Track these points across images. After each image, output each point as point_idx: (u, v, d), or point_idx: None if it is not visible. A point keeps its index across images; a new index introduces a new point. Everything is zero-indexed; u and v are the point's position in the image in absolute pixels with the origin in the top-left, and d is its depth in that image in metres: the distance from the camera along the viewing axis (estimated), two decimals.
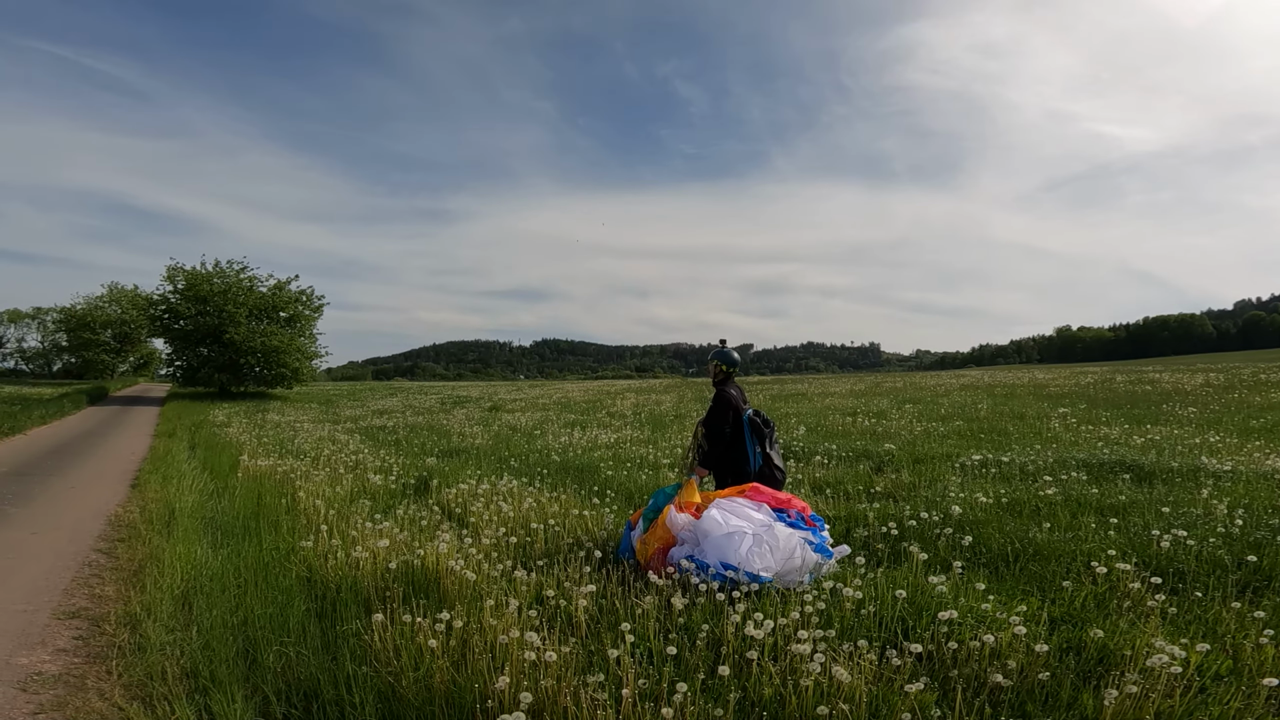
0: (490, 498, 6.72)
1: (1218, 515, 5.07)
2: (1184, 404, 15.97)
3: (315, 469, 9.06)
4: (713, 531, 4.02)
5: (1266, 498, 5.66)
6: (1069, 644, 3.01)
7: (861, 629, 3.20)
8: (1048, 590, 3.85)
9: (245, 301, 32.77)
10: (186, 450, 13.08)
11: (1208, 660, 2.71)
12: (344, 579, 4.17)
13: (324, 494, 7.09)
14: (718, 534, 3.98)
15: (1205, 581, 3.78)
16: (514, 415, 20.39)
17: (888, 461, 8.97)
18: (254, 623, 3.58)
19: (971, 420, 14.45)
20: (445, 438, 14.31)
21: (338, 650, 3.18)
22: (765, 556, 3.79)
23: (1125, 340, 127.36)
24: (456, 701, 2.60)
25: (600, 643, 3.13)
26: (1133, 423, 13.02)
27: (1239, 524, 4.72)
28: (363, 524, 5.39)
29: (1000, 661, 2.73)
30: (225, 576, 4.39)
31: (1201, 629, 3.14)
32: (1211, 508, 5.34)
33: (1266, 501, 5.51)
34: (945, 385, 26.18)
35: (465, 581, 3.85)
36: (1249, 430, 11.11)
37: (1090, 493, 6.34)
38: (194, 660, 3.25)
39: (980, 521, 5.33)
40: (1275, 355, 53.49)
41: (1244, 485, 6.30)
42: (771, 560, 3.78)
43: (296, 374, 34.46)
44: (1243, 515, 4.95)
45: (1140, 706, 2.32)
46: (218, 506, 7.03)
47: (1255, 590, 3.71)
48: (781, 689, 2.57)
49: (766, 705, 2.49)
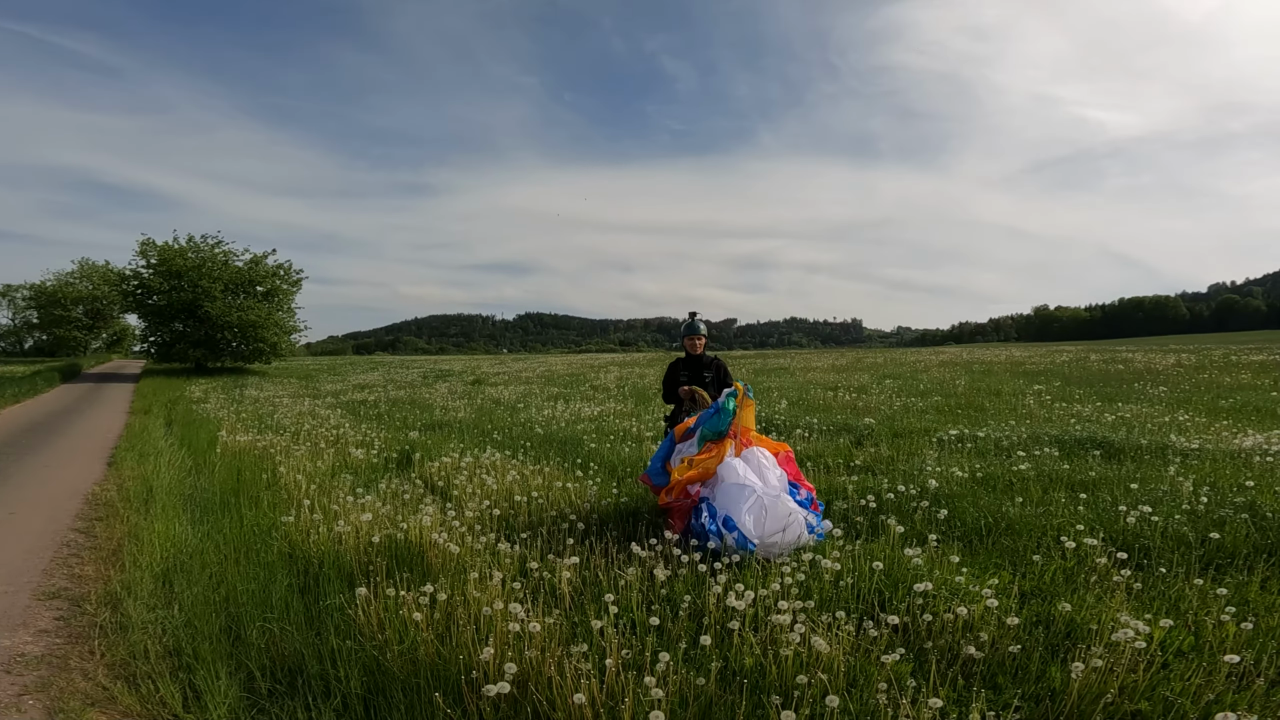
0: (473, 471, 6.73)
1: (1183, 492, 5.21)
2: (1155, 383, 16.35)
3: (296, 444, 8.98)
4: (727, 478, 4.20)
5: (1231, 476, 5.82)
6: (1038, 617, 3.10)
7: (840, 600, 3.28)
8: (1019, 564, 3.96)
9: (221, 276, 32.11)
10: (163, 427, 12.90)
11: (1170, 636, 2.79)
12: (326, 554, 4.17)
13: (305, 469, 7.05)
14: (731, 481, 4.16)
15: (1169, 558, 3.89)
16: (497, 389, 20.32)
17: (867, 435, 9.10)
18: (236, 599, 3.58)
19: (949, 396, 14.69)
20: (427, 411, 14.25)
21: (321, 625, 3.19)
22: (762, 522, 3.90)
23: (1101, 320, 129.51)
24: (441, 673, 2.63)
25: (583, 614, 3.17)
26: (1105, 400, 13.32)
27: (1204, 501, 4.86)
28: (345, 498, 5.37)
29: (973, 634, 2.81)
30: (206, 553, 4.37)
31: (1165, 605, 3.22)
32: (1177, 485, 5.50)
33: (1231, 480, 5.67)
34: (925, 361, 26.52)
35: (449, 554, 3.87)
36: (1217, 410, 11.41)
37: (1062, 468, 6.50)
38: (176, 638, 3.24)
39: (955, 495, 5.44)
40: (1246, 338, 54.78)
41: (1210, 463, 6.48)
42: (764, 528, 3.90)
43: (275, 349, 34.00)
44: (1208, 493, 5.09)
45: (1105, 680, 2.40)
46: (196, 483, 6.97)
47: (1218, 567, 3.80)
48: (762, 659, 2.63)
49: (748, 674, 2.55)
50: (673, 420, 5.47)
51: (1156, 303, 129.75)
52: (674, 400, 5.56)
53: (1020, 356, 28.18)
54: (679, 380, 5.48)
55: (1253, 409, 11.33)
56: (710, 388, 5.43)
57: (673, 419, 5.47)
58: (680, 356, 5.69)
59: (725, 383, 5.45)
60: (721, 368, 5.64)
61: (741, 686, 2.40)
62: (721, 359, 5.76)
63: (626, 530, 4.57)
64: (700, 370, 5.53)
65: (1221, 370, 18.75)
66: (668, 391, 5.62)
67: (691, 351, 5.53)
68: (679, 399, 5.46)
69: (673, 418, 5.50)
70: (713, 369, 5.58)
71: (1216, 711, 2.08)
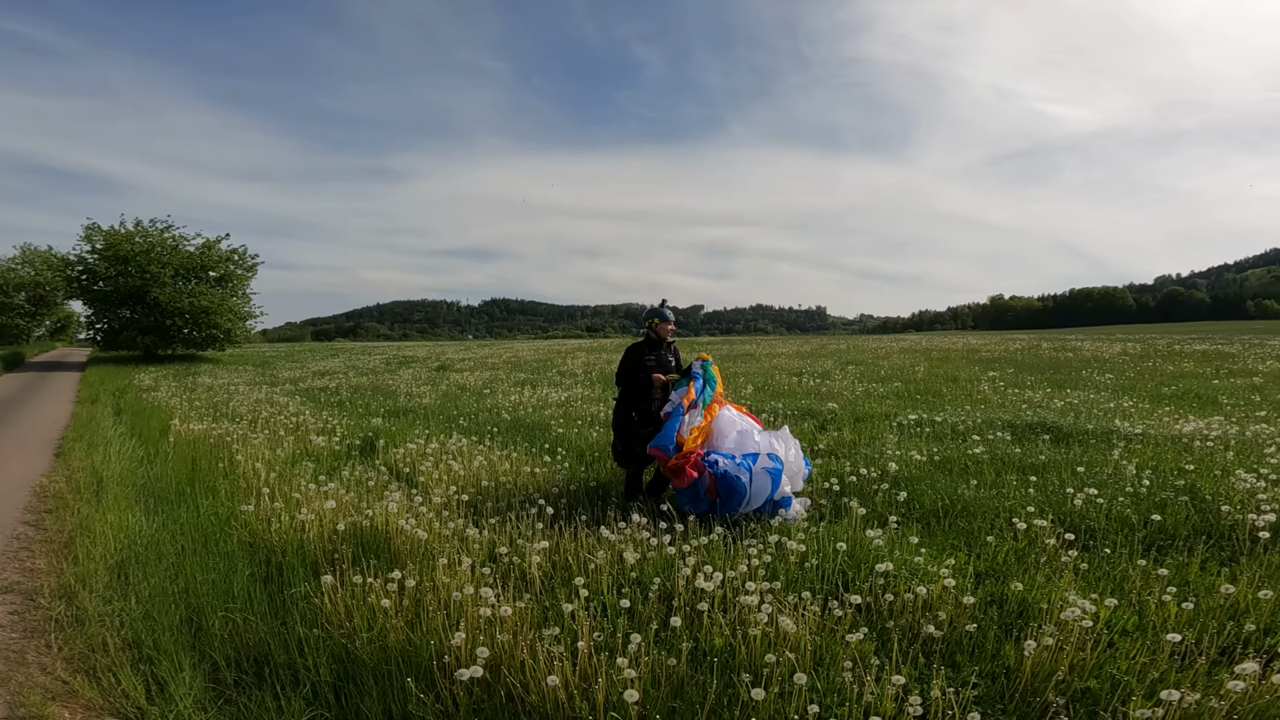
0: (440, 456, 6.67)
1: (1126, 476, 5.47)
2: (1102, 370, 17.04)
3: (253, 432, 8.75)
4: (727, 430, 4.70)
5: (1172, 460, 6.12)
6: (992, 597, 3.23)
7: (805, 581, 3.36)
8: (973, 545, 4.11)
9: (170, 261, 30.96)
10: (112, 416, 12.40)
11: (1115, 615, 2.93)
12: (289, 542, 4.10)
13: (264, 457, 6.88)
14: (732, 431, 4.72)
15: (1114, 539, 4.08)
16: (462, 375, 20.08)
17: (831, 420, 9.30)
18: (195, 590, 3.50)
19: (909, 382, 15.08)
20: (391, 398, 14.02)
21: (287, 614, 3.14)
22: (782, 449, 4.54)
23: (1053, 310, 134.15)
24: (412, 659, 2.63)
25: (554, 598, 3.20)
26: (1054, 387, 13.84)
27: (1146, 484, 5.11)
28: (306, 486, 5.27)
29: (932, 613, 2.91)
30: (161, 544, 4.25)
31: (1110, 585, 3.38)
32: (1121, 468, 5.76)
33: (1172, 463, 5.96)
34: (886, 348, 27.14)
35: (417, 540, 3.84)
36: (1160, 396, 11.96)
37: (1013, 452, 6.75)
38: (135, 630, 3.16)
39: (914, 478, 5.61)
40: (1190, 328, 57.27)
41: (1152, 448, 6.80)
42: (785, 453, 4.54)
43: (229, 335, 32.94)
44: (1150, 476, 5.36)
45: (1056, 659, 2.51)
46: (148, 473, 6.74)
47: (1159, 549, 3.97)
48: (731, 639, 2.69)
49: (718, 654, 2.61)
50: (626, 404, 5.33)
51: (1105, 294, 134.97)
52: (629, 384, 5.36)
53: (976, 344, 29.05)
54: (644, 365, 5.41)
55: (1194, 396, 11.92)
56: (672, 372, 5.46)
57: (627, 402, 5.33)
58: (639, 341, 5.56)
59: (680, 367, 5.51)
60: (677, 352, 5.68)
61: (712, 666, 2.46)
62: (677, 345, 5.75)
63: (596, 514, 4.60)
64: (665, 355, 5.54)
65: (1165, 359, 19.64)
66: (625, 374, 5.39)
67: (663, 337, 5.52)
68: (639, 384, 5.31)
69: (626, 401, 5.35)
70: (673, 354, 5.60)
71: (1161, 689, 2.19)
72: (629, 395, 5.37)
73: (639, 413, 5.29)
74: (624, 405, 5.40)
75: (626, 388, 5.39)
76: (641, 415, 5.26)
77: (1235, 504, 4.43)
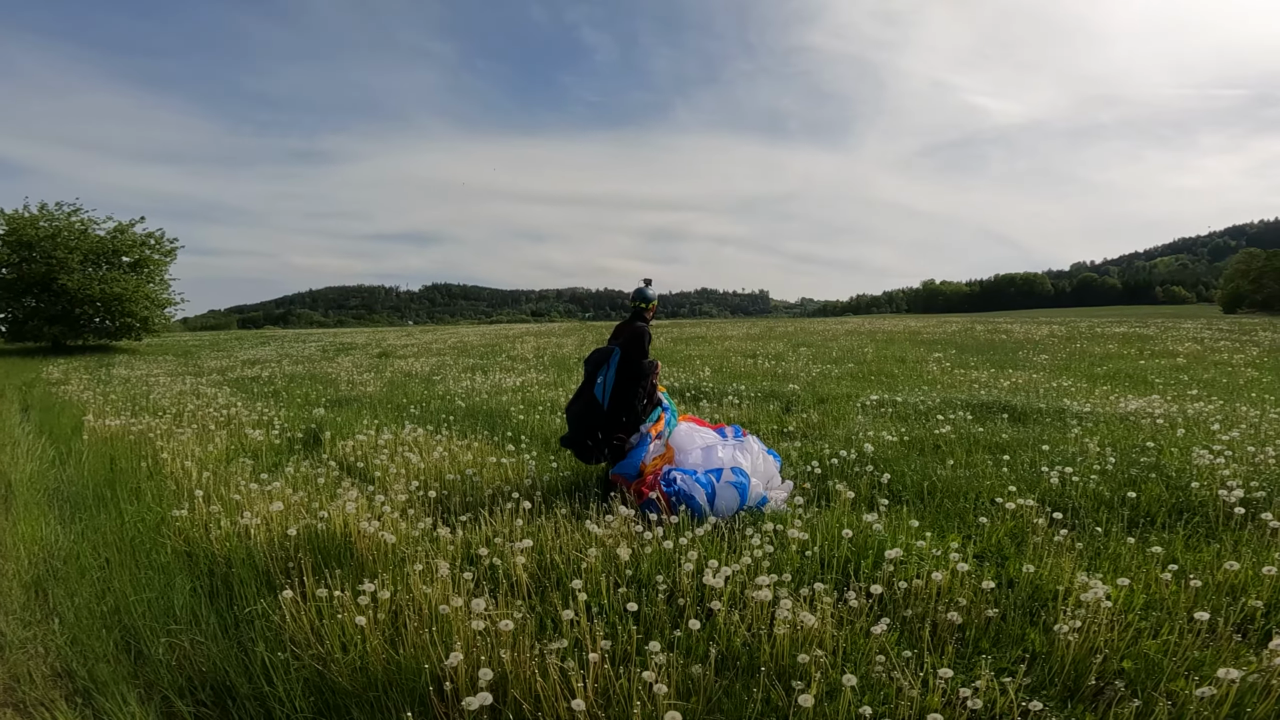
0: (395, 448, 6.22)
1: (1091, 454, 5.58)
2: (1036, 352, 17.80)
3: (178, 426, 8.00)
4: (688, 446, 4.52)
5: (1126, 437, 6.31)
6: (1002, 580, 3.14)
7: (810, 572, 3.20)
8: (964, 526, 4.06)
9: (79, 246, 28.68)
10: (18, 413, 11.22)
11: (1127, 595, 2.88)
12: (234, 551, 3.64)
13: (194, 454, 6.25)
14: (693, 447, 4.54)
15: (1095, 517, 4.10)
16: (407, 361, 19.26)
17: (795, 401, 9.27)
18: (129, 610, 3.03)
19: (860, 363, 15.35)
20: (332, 386, 13.25)
21: (241, 635, 2.74)
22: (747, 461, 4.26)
23: (980, 295, 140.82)
24: (402, 684, 2.29)
25: (546, 604, 2.92)
26: (997, 367, 14.33)
27: (1111, 461, 5.21)
28: (247, 486, 4.77)
29: (951, 599, 2.79)
30: (83, 557, 3.71)
31: (1108, 564, 3.36)
32: (1085, 447, 5.88)
33: (1127, 441, 6.14)
34: (832, 330, 27.67)
35: (383, 544, 3.47)
36: (1095, 376, 12.53)
37: (977, 431, 6.84)
38: (64, 658, 2.68)
39: (891, 459, 5.57)
40: (1104, 312, 61.12)
41: (1104, 426, 7.01)
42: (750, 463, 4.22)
43: (146, 324, 30.74)
44: (1113, 454, 5.48)
45: (1086, 641, 2.43)
46: (61, 475, 6.02)
47: (1142, 526, 4.01)
48: (749, 638, 2.49)
49: (738, 655, 2.39)
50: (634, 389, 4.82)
51: (1027, 279, 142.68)
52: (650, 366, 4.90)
53: (916, 326, 29.98)
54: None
55: (1125, 376, 12.53)
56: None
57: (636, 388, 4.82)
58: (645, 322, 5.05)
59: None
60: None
61: (737, 669, 2.24)
62: None
63: (575, 508, 4.31)
64: None
65: (1090, 341, 20.71)
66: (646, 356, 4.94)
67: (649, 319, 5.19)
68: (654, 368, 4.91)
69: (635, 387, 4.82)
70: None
71: (1209, 669, 2.11)
72: (639, 380, 4.81)
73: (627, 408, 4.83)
74: (628, 392, 4.80)
75: (637, 373, 4.83)
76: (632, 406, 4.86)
77: (1203, 480, 4.54)
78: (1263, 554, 3.33)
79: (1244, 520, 3.82)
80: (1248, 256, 67.51)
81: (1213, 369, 13.26)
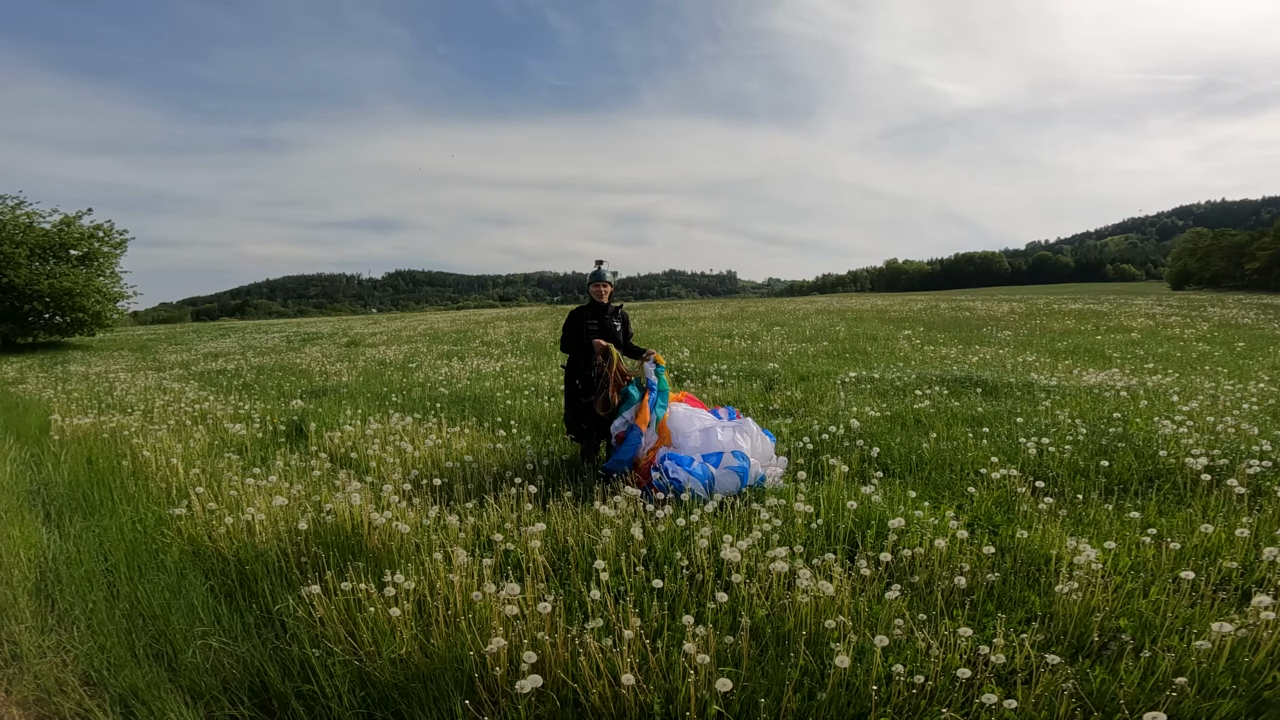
0: (385, 438, 6.19)
1: (1064, 425, 5.84)
2: (998, 328, 18.37)
3: (151, 423, 7.79)
4: (688, 429, 4.53)
5: (1093, 410, 6.61)
6: (998, 546, 3.31)
7: (817, 543, 3.33)
8: (955, 496, 4.25)
9: (24, 240, 27.38)
10: None
11: (1113, 557, 3.07)
12: (242, 548, 3.62)
13: (176, 451, 6.12)
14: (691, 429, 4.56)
15: (1073, 485, 4.32)
16: (378, 349, 18.96)
17: (776, 380, 9.45)
18: (151, 614, 2.98)
19: (834, 341, 15.65)
20: (305, 377, 13.00)
21: (268, 634, 2.74)
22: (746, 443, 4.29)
23: (940, 274, 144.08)
24: (440, 675, 2.33)
25: (564, 585, 2.99)
26: (964, 344, 14.77)
27: (1083, 433, 5.48)
28: (241, 481, 4.71)
29: (955, 565, 2.95)
30: (85, 561, 3.63)
31: (1091, 529, 3.56)
32: (1057, 418, 6.16)
33: (1094, 413, 6.43)
34: (803, 310, 28.08)
35: (397, 535, 3.49)
36: (1056, 351, 13.01)
37: (954, 405, 7.10)
38: (93, 665, 2.62)
39: (877, 434, 5.76)
40: (1058, 289, 63.15)
41: (1071, 399, 7.33)
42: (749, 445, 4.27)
43: (98, 319, 29.59)
44: (1083, 425, 5.75)
45: (1086, 601, 2.60)
46: (38, 477, 5.84)
47: (1117, 494, 4.22)
48: (772, 609, 2.60)
49: (762, 626, 2.51)
50: (573, 371, 5.20)
51: (985, 258, 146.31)
52: (574, 350, 5.24)
53: (883, 305, 30.60)
54: (586, 329, 5.20)
55: (1084, 350, 13.04)
56: (617, 337, 5.28)
57: (574, 369, 5.21)
58: (583, 305, 5.39)
59: (629, 333, 5.41)
60: (626, 318, 5.48)
61: (764, 638, 2.35)
62: (625, 310, 5.55)
63: (579, 491, 4.38)
64: (610, 320, 5.34)
65: (1048, 317, 21.43)
66: (568, 340, 5.27)
67: (597, 299, 5.32)
68: (582, 349, 5.17)
69: (573, 368, 5.22)
70: (620, 319, 5.40)
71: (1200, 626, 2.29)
72: (575, 362, 5.23)
73: (581, 380, 5.13)
74: (570, 373, 5.26)
75: (572, 355, 5.26)
76: (584, 383, 5.11)
77: (1169, 449, 4.82)
78: (1232, 518, 3.57)
79: (1210, 486, 4.07)
80: (1195, 236, 70.66)
81: (1166, 343, 13.88)
